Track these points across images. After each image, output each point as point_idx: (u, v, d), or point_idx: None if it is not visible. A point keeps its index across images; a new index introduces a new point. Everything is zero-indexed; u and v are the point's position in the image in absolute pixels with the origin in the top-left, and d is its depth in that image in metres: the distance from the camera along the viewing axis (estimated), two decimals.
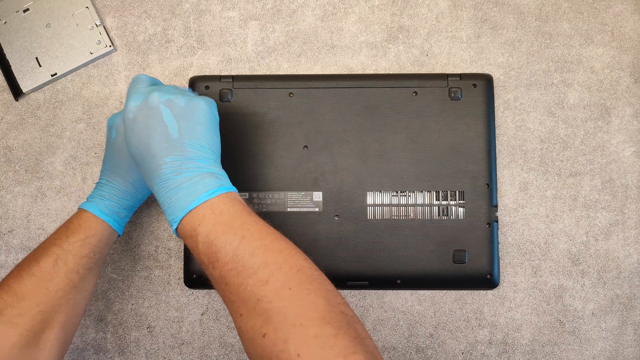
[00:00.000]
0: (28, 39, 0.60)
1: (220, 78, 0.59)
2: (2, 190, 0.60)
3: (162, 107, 0.45)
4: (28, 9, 0.61)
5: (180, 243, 0.59)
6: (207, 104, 0.47)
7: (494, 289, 0.58)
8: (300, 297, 0.38)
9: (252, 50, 0.61)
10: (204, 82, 0.59)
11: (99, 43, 0.61)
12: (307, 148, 0.58)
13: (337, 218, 0.57)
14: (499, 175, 0.59)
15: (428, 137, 0.57)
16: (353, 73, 0.60)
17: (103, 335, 0.59)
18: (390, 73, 0.60)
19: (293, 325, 0.36)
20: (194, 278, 0.57)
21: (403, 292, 0.59)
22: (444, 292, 0.59)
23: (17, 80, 0.60)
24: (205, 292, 0.59)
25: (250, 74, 0.60)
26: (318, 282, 0.40)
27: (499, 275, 0.58)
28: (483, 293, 0.59)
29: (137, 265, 0.59)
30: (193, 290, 0.59)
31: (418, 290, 0.59)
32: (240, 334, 0.40)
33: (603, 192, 0.59)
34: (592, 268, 0.59)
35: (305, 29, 0.61)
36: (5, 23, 0.60)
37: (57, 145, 0.60)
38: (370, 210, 0.57)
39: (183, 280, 0.59)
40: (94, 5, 0.61)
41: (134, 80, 0.48)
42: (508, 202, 0.59)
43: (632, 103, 0.60)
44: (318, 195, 0.57)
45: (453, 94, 0.58)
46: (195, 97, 0.47)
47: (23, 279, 0.46)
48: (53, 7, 0.61)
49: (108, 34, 0.61)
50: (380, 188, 0.57)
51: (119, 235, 0.52)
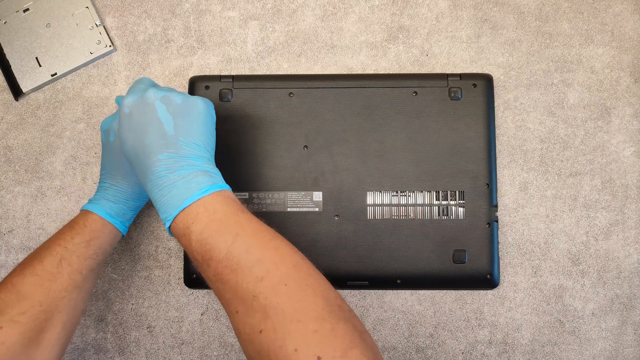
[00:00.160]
0: (28, 39, 0.60)
1: (220, 78, 0.59)
2: (2, 190, 0.60)
3: (158, 103, 0.45)
4: (28, 9, 0.61)
5: None
6: (204, 103, 0.47)
7: (494, 289, 0.58)
8: (298, 293, 0.38)
9: (252, 50, 0.61)
10: (204, 82, 0.58)
11: (99, 43, 0.61)
12: (307, 148, 0.58)
13: (337, 218, 0.57)
14: (499, 175, 0.59)
15: (428, 137, 0.57)
16: (353, 73, 0.60)
17: (103, 335, 0.59)
18: (390, 73, 0.60)
19: (291, 321, 0.36)
20: (194, 278, 0.57)
21: (403, 292, 0.59)
22: (444, 292, 0.59)
23: (17, 80, 0.60)
24: (205, 292, 0.59)
25: (250, 74, 0.60)
26: (314, 278, 0.40)
27: (499, 275, 0.58)
28: (483, 293, 0.59)
29: (137, 265, 0.59)
30: (193, 290, 0.59)
31: (418, 290, 0.59)
32: (237, 332, 0.40)
33: (603, 192, 0.59)
34: (592, 268, 0.59)
35: (305, 29, 0.61)
36: (5, 23, 0.60)
37: (57, 145, 0.60)
38: (370, 210, 0.57)
39: (183, 280, 0.59)
40: (94, 5, 0.61)
41: (136, 81, 0.48)
42: (508, 202, 0.59)
43: (632, 103, 0.60)
44: (318, 195, 0.57)
45: (453, 94, 0.58)
46: (193, 96, 0.47)
47: (26, 278, 0.46)
48: (53, 7, 0.61)
49: (108, 34, 0.61)
50: (380, 188, 0.57)
51: (123, 236, 0.52)
